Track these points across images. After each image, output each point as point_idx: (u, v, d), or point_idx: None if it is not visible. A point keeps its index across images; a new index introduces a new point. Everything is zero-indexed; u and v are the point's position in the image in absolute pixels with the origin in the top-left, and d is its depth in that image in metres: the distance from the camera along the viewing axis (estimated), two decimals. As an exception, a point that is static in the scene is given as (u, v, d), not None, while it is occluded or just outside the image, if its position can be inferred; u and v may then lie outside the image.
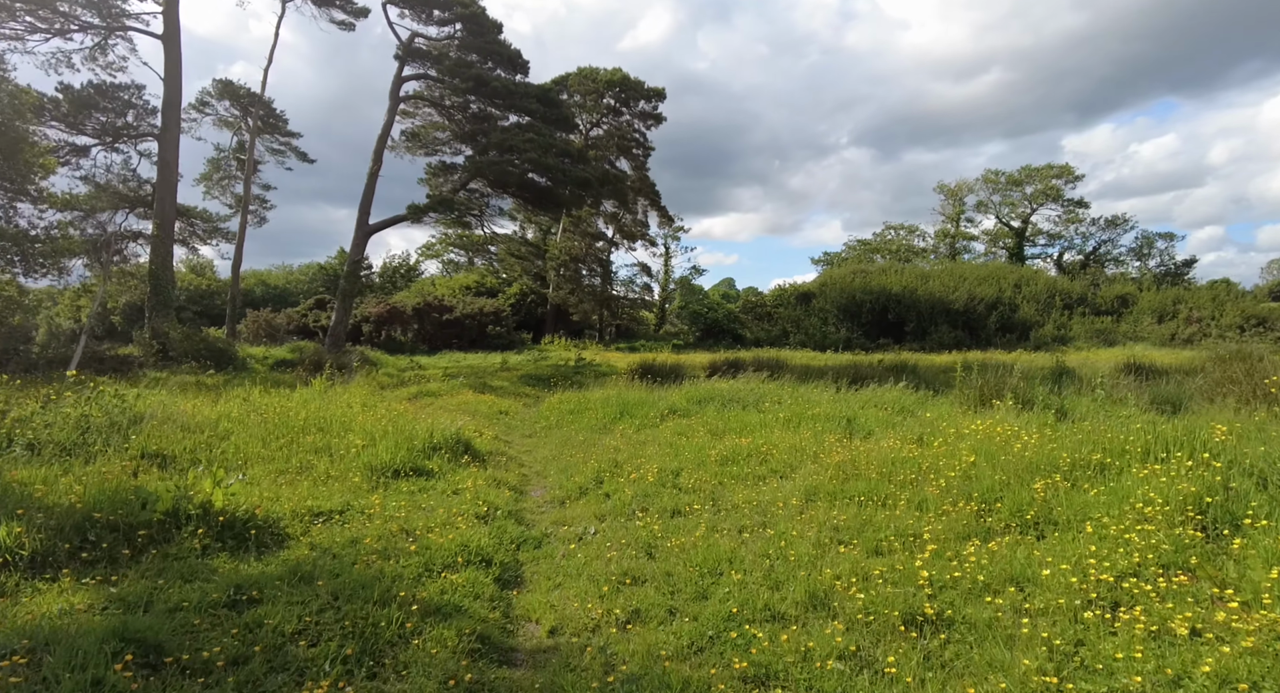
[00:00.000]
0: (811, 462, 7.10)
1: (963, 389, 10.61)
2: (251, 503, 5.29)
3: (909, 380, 15.14)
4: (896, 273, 47.65)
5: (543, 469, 8.32)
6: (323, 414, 9.20)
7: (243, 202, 31.00)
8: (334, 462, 7.16)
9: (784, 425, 9.16)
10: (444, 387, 16.61)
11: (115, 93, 25.93)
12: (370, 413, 9.79)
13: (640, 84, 46.38)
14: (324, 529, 5.25)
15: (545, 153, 25.99)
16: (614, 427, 10.90)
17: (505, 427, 12.06)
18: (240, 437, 7.84)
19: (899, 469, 6.29)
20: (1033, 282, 45.88)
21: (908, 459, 6.48)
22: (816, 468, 6.74)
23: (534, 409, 14.36)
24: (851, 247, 68.96)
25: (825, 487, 6.06)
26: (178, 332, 25.02)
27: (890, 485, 5.92)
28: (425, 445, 7.67)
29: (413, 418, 10.32)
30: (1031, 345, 38.47)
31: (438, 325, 38.00)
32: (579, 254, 46.87)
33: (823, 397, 11.72)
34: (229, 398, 9.94)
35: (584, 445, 9.45)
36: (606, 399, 12.88)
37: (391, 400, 13.47)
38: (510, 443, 10.48)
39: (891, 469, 6.31)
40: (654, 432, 9.96)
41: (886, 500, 5.58)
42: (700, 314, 47.07)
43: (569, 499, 6.61)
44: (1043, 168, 58.25)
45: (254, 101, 30.97)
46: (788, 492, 6.05)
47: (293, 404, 9.78)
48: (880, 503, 5.56)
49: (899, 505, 5.44)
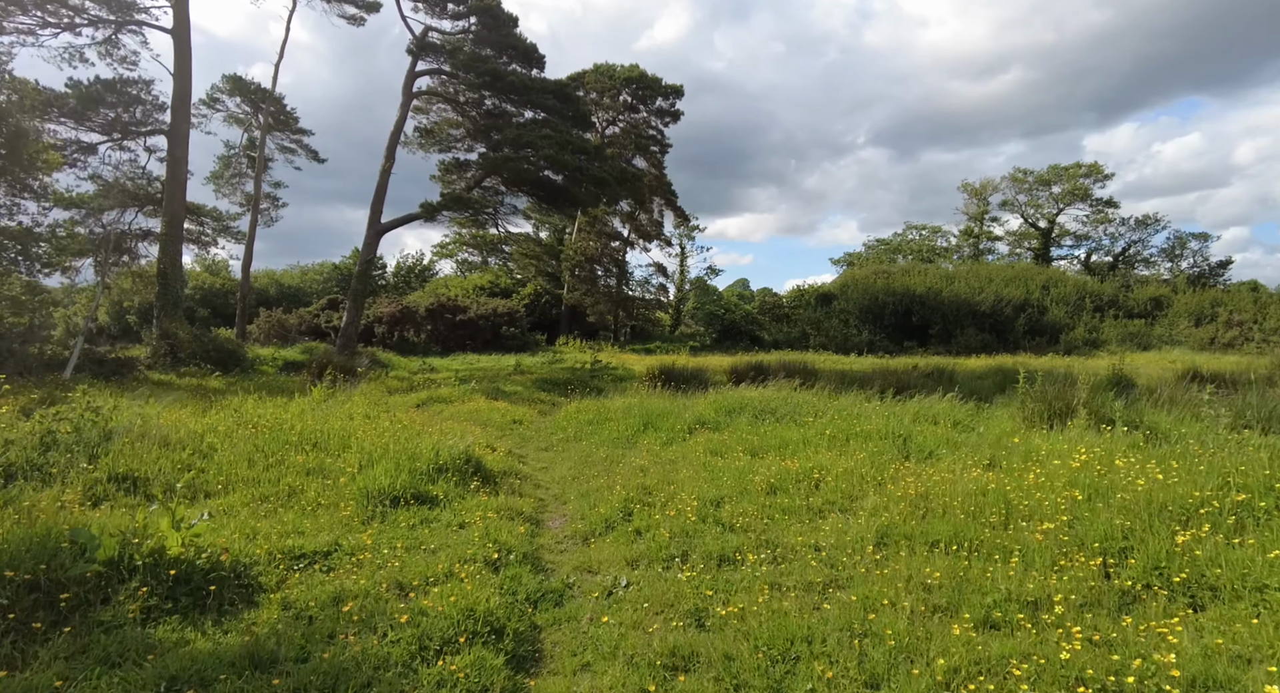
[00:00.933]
0: (874, 491, 6.13)
1: (1025, 402, 9.57)
2: (218, 546, 4.41)
3: (948, 388, 14.11)
4: (920, 273, 46.36)
5: (561, 492, 7.40)
6: (320, 428, 8.35)
7: (253, 200, 30.44)
8: (326, 486, 6.29)
9: (830, 444, 8.18)
10: (455, 393, 15.75)
11: (123, 88, 25.41)
12: (372, 425, 8.93)
13: (657, 81, 45.49)
14: (303, 580, 4.36)
15: (561, 149, 25.15)
16: (637, 441, 9.98)
17: (519, 438, 11.16)
18: (225, 454, 6.99)
19: (984, 505, 5.30)
20: (1061, 283, 44.44)
21: (991, 492, 5.49)
22: (882, 500, 5.77)
23: (550, 418, 13.47)
24: (871, 246, 67.64)
25: (899, 527, 5.09)
26: (186, 332, 24.44)
27: (978, 527, 4.94)
28: (430, 466, 6.78)
29: (419, 430, 9.45)
30: (1062, 349, 37.19)
31: (451, 326, 37.29)
32: (594, 254, 46.02)
33: (866, 409, 10.72)
34: (221, 408, 9.11)
35: (606, 463, 8.52)
36: (628, 409, 11.96)
37: (398, 408, 12.63)
38: (525, 458, 9.58)
39: (975, 505, 5.32)
40: (682, 448, 9.02)
41: (979, 548, 4.61)
42: (717, 315, 46.06)
43: (593, 535, 5.68)
44: (1071, 167, 56.63)
45: (265, 98, 30.40)
46: (855, 533, 5.09)
47: (289, 415, 8.95)
48: (972, 551, 4.59)
49: (995, 554, 4.46)
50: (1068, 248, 59.88)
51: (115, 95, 25.15)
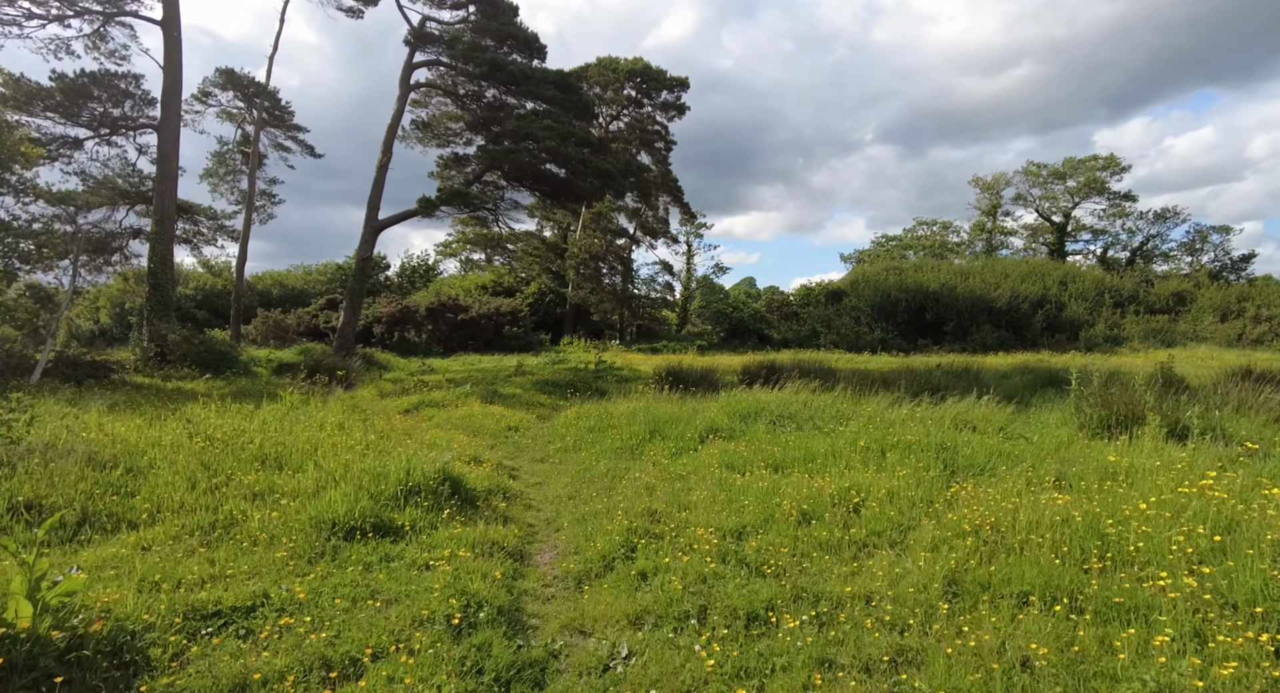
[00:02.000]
0: (928, 519, 5.08)
1: (1081, 406, 8.48)
2: (98, 607, 3.41)
3: (977, 389, 13.01)
4: (933, 269, 45.15)
5: (555, 515, 6.38)
6: (284, 440, 7.35)
7: (248, 197, 29.55)
8: (274, 514, 5.29)
9: (864, 457, 7.12)
10: (449, 396, 14.77)
11: (111, 82, 24.56)
12: (344, 437, 7.93)
13: (663, 73, 44.45)
14: (207, 652, 3.36)
15: (564, 141, 24.13)
16: (643, 451, 8.95)
17: (514, 447, 10.15)
18: (163, 474, 6.00)
19: (1072, 540, 4.25)
20: (1079, 278, 43.15)
21: (1079, 523, 4.43)
22: (941, 532, 4.72)
23: (549, 423, 12.46)
24: (881, 243, 66.34)
25: (972, 570, 4.04)
26: (177, 334, 23.57)
27: (1075, 572, 3.88)
28: (399, 489, 5.77)
29: (398, 442, 8.45)
30: (1082, 346, 36.01)
31: (452, 326, 36.37)
32: (599, 252, 45.00)
33: (896, 413, 9.65)
34: (177, 417, 8.13)
35: (607, 479, 7.49)
36: (633, 414, 10.93)
37: (385, 414, 11.65)
38: (518, 471, 8.57)
39: (1061, 539, 4.27)
40: (694, 460, 7.98)
41: (1085, 605, 3.56)
42: (725, 313, 45.01)
43: (589, 577, 4.65)
44: (1087, 159, 55.21)
45: (259, 92, 29.50)
46: (916, 579, 4.04)
47: (251, 426, 7.96)
48: (1077, 609, 3.54)
49: (1111, 616, 3.41)
50: (1083, 242, 58.52)
51: (102, 88, 24.30)
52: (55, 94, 23.63)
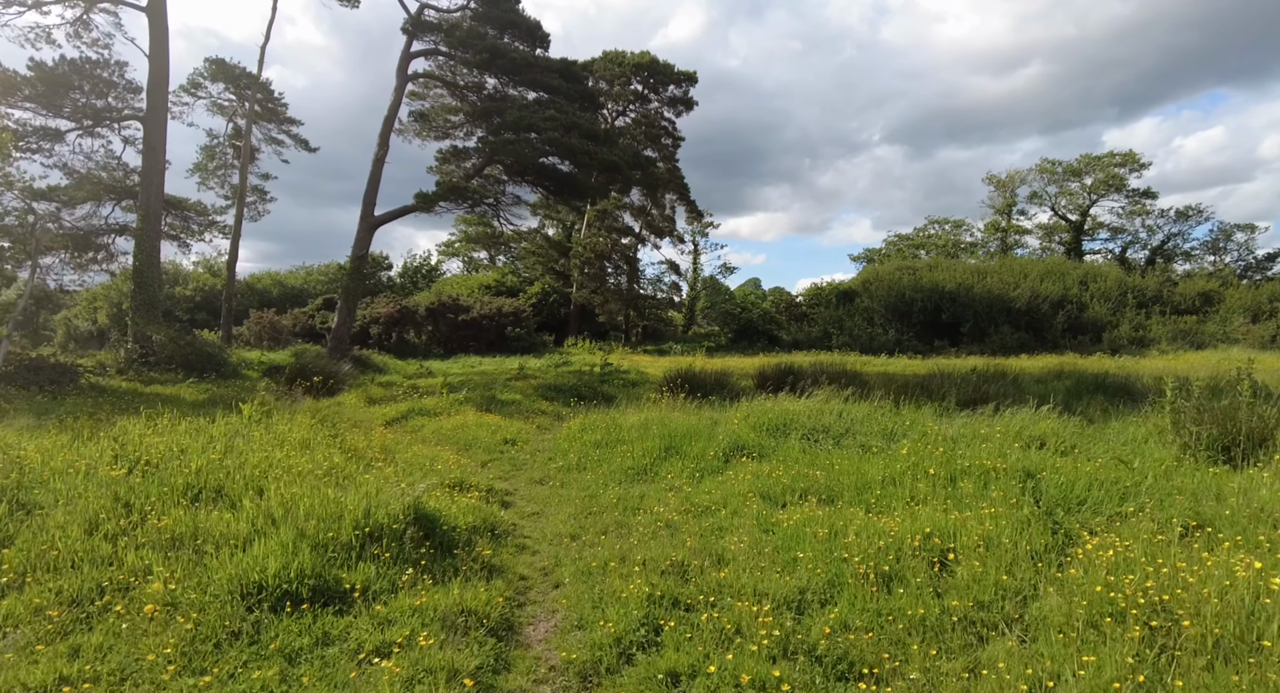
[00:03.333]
0: (1046, 582, 3.81)
1: (1181, 422, 7.17)
2: None
3: (1012, 394, 11.71)
4: (948, 269, 43.74)
5: (554, 562, 5.10)
6: (230, 463, 6.11)
7: (239, 193, 28.38)
8: (186, 573, 4.04)
9: (931, 485, 5.84)
10: (441, 403, 13.53)
11: (94, 71, 23.44)
12: (307, 457, 6.68)
13: (670, 67, 43.20)
14: None
15: (568, 132, 22.88)
16: (658, 472, 7.68)
17: (509, 465, 8.89)
18: (58, 515, 4.75)
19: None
20: (1101, 278, 41.67)
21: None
22: (1075, 606, 3.44)
23: (551, 435, 11.21)
24: (892, 242, 64.84)
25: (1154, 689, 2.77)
26: (162, 334, 22.40)
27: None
28: (355, 534, 4.52)
29: (372, 461, 7.20)
30: (1106, 347, 34.60)
31: (453, 327, 35.18)
32: (604, 251, 43.75)
33: (950, 427, 8.35)
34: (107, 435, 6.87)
35: (618, 510, 6.22)
36: (645, 426, 9.66)
37: (358, 427, 10.42)
38: (512, 495, 7.31)
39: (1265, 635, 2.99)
40: (719, 485, 6.72)
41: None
42: (733, 314, 43.75)
43: (598, 674, 3.39)
44: (1104, 156, 53.66)
45: (251, 83, 28.34)
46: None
47: (196, 444, 6.73)
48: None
49: None
50: (1101, 241, 56.93)
51: (84, 78, 23.17)
52: (35, 83, 22.52)
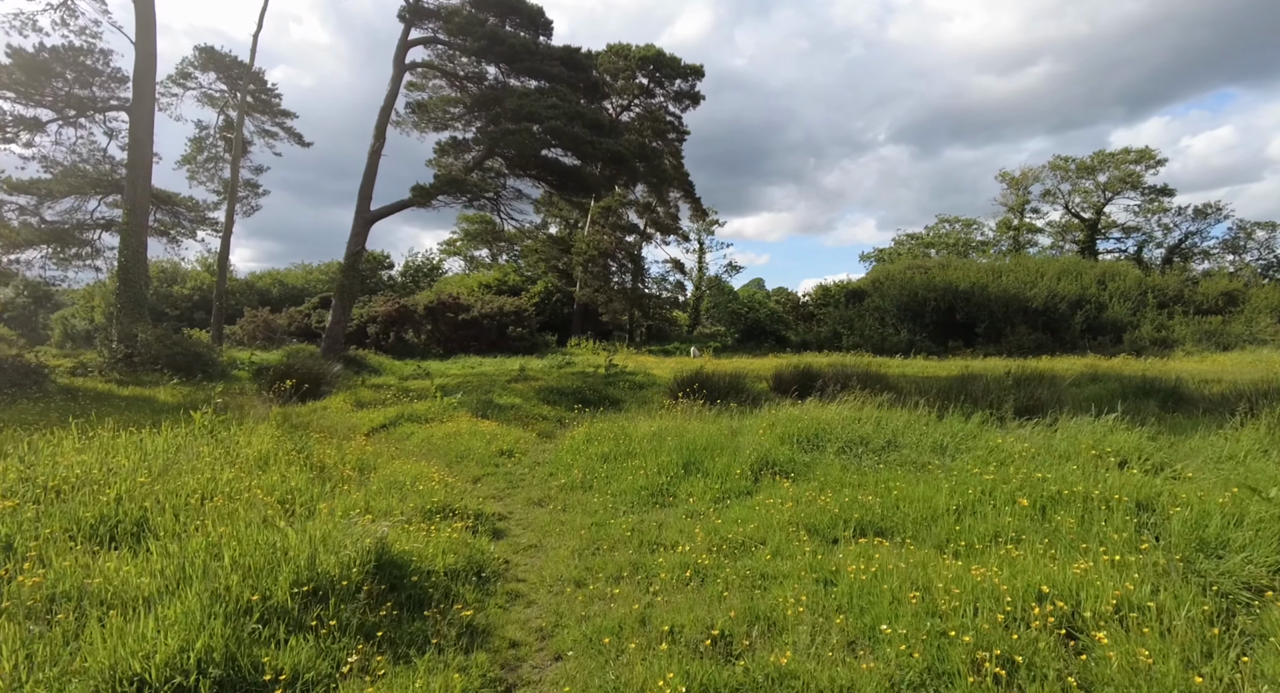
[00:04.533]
0: (1249, 682, 2.71)
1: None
2: None
3: (1052, 399, 10.62)
4: (961, 268, 42.57)
5: (554, 621, 4.00)
6: (162, 488, 5.02)
7: (230, 187, 27.34)
8: (44, 661, 2.96)
9: (1017, 517, 4.73)
10: (434, 408, 12.44)
11: (76, 57, 22.43)
12: (261, 478, 5.59)
13: (676, 61, 42.11)
14: None
15: (570, 122, 21.78)
16: (677, 492, 6.59)
17: (504, 482, 7.80)
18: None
19: None
20: (1120, 277, 40.48)
21: None
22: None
23: (553, 444, 10.12)
24: (902, 241, 63.62)
25: None
26: (148, 333, 21.36)
27: None
28: (294, 591, 3.44)
29: (340, 482, 6.11)
30: (1127, 348, 33.43)
31: (453, 326, 34.12)
32: (608, 248, 42.64)
33: (1011, 441, 7.23)
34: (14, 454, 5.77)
35: (633, 546, 5.12)
36: (658, 436, 8.56)
37: (335, 437, 9.34)
38: (506, 521, 6.22)
39: None
40: (751, 511, 5.63)
41: None
42: (740, 314, 42.67)
43: None
44: (1118, 153, 52.46)
45: (243, 73, 27.30)
46: None
47: (129, 462, 5.64)
48: None
49: None
50: (1115, 240, 55.66)
51: (66, 65, 22.16)
52: (13, 71, 21.53)
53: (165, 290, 46.27)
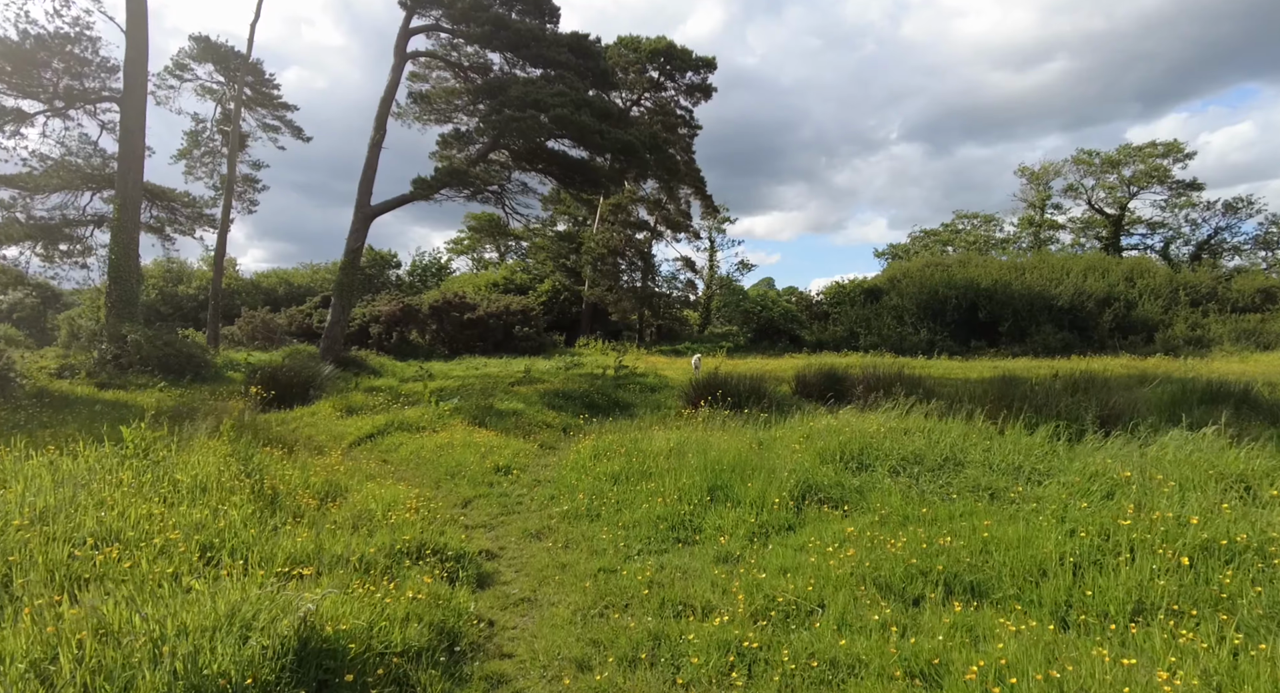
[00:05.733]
0: None
1: None
2: None
3: (1099, 403, 9.37)
4: (982, 265, 41.15)
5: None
6: (57, 531, 3.95)
7: (227, 182, 26.42)
8: None
9: (1167, 574, 3.57)
10: (427, 415, 11.35)
11: (65, 47, 21.57)
12: (194, 512, 4.51)
13: (688, 53, 40.91)
14: None
15: (578, 110, 20.66)
16: (702, 525, 5.45)
17: (498, 506, 6.68)
18: None
19: None
20: (1149, 274, 38.93)
21: None
22: None
23: (557, 457, 9.01)
24: (918, 238, 62.06)
25: None
26: (138, 333, 20.42)
27: None
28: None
29: (300, 511, 5.02)
30: (1159, 348, 31.97)
31: (458, 326, 33.09)
32: (618, 246, 41.53)
33: (1109, 463, 6.04)
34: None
35: (650, 611, 3.99)
36: (677, 451, 7.42)
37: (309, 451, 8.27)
38: (497, 559, 5.12)
39: None
40: (796, 552, 4.50)
41: None
42: (753, 313, 41.38)
43: None
44: (1145, 146, 50.67)
45: (240, 65, 26.37)
46: None
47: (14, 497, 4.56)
48: None
49: None
50: (1139, 236, 53.87)
51: (54, 54, 21.30)
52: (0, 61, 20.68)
53: (171, 290, 45.51)
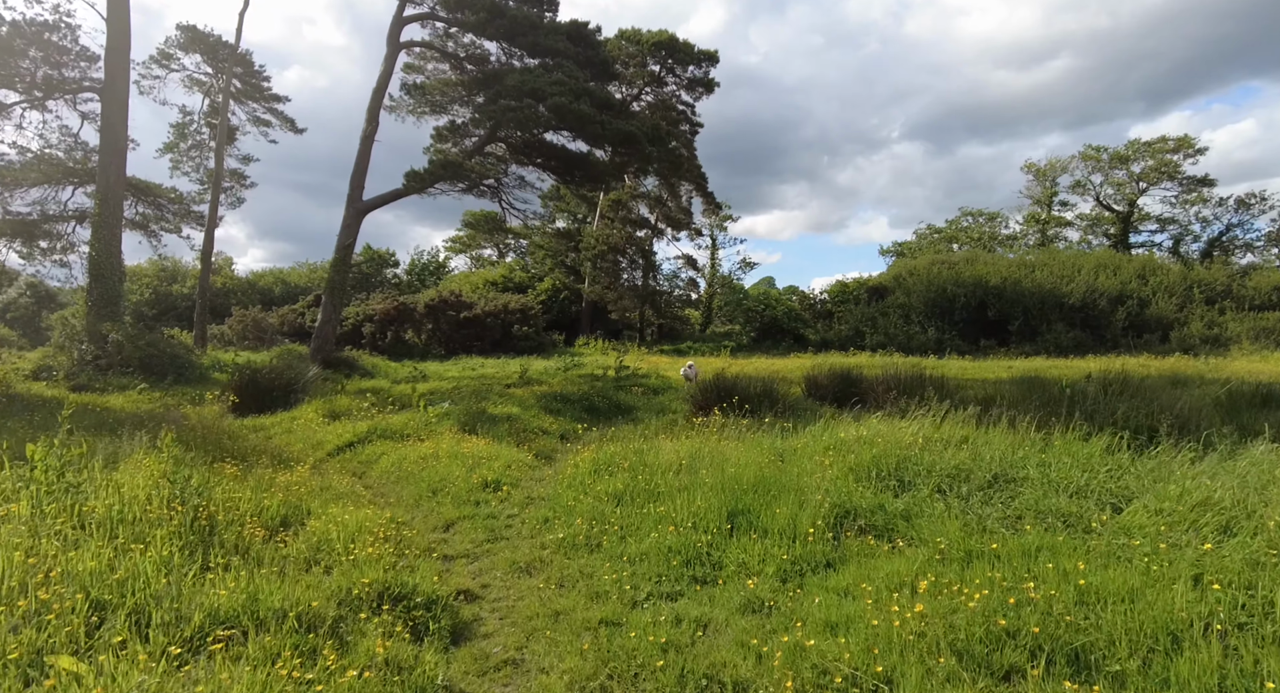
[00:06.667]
0: None
1: None
2: None
3: (1138, 406, 8.49)
4: (990, 263, 40.25)
5: None
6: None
7: (215, 176, 25.53)
8: None
9: None
10: (414, 421, 10.48)
11: (42, 34, 20.70)
12: (78, 562, 3.64)
13: (690, 47, 39.97)
14: None
15: (577, 98, 19.78)
16: (723, 560, 4.59)
17: (485, 530, 5.81)
18: None
19: None
20: (1162, 272, 38.06)
21: None
22: None
23: (553, 468, 8.15)
24: (924, 235, 61.11)
25: None
26: (119, 333, 19.54)
27: None
28: None
29: (231, 552, 4.16)
30: (1176, 347, 31.07)
31: (455, 325, 32.22)
32: (618, 244, 40.62)
33: (1209, 485, 5.17)
34: None
35: (664, 683, 3.13)
36: (688, 466, 6.55)
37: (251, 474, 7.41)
38: (479, 602, 4.26)
39: None
40: (840, 599, 3.65)
41: None
42: (756, 312, 40.51)
43: None
44: (1154, 141, 49.73)
45: (229, 55, 25.49)
46: None
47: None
48: None
49: None
50: (1148, 233, 52.95)
51: (29, 42, 20.43)
52: (-27, 49, 19.83)
53: (165, 289, 44.62)
